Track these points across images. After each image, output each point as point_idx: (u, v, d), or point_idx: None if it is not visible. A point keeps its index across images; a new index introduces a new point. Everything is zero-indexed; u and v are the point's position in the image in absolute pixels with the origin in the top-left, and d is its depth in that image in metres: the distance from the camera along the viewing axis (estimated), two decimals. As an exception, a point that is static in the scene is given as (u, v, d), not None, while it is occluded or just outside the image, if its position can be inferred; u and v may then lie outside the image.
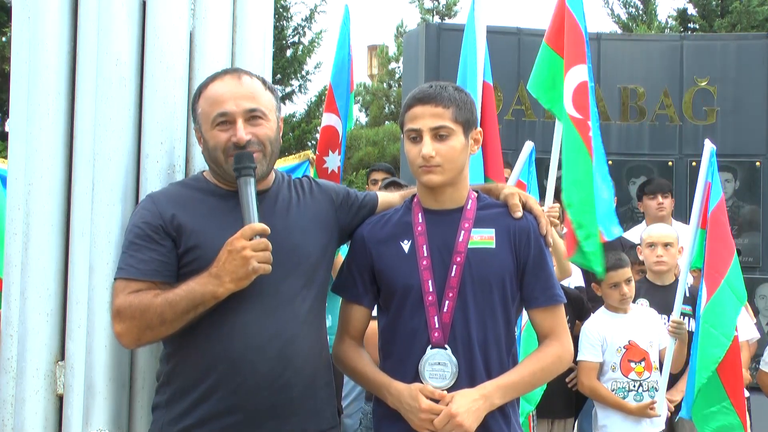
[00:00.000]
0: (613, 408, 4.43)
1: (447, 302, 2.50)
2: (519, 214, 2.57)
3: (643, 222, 6.32)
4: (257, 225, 2.29)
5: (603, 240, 4.13)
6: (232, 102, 2.41)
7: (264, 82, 2.52)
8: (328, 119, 5.57)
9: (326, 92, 6.04)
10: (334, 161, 5.36)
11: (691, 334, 4.56)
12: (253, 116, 2.43)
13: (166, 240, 2.37)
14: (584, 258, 4.07)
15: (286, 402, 2.39)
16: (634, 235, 5.87)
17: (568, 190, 4.08)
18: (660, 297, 4.78)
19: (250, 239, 2.27)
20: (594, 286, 4.70)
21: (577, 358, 4.50)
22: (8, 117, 2.96)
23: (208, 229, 2.38)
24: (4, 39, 12.08)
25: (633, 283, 4.58)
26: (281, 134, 2.56)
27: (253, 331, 2.36)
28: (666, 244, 4.90)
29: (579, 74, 4.18)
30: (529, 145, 4.44)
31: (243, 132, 2.40)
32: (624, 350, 4.47)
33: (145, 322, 2.29)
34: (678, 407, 4.65)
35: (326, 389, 2.53)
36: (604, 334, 4.50)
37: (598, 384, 4.47)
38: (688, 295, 4.64)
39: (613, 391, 4.45)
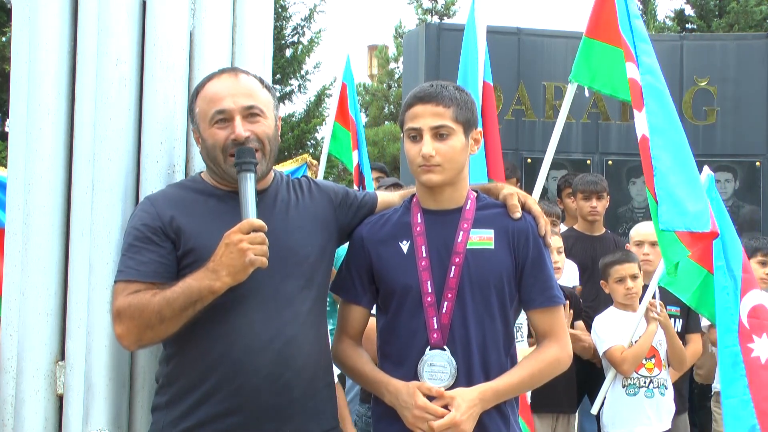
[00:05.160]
0: (647, 343, 4.39)
1: (446, 303, 2.50)
2: (518, 214, 2.57)
3: None
4: (255, 221, 2.28)
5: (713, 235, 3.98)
6: (230, 99, 2.41)
7: (261, 80, 2.51)
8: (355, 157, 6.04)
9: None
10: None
11: (679, 334, 4.61)
12: (251, 113, 2.42)
13: (165, 242, 2.36)
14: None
15: (286, 403, 2.39)
16: None
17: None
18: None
19: (247, 234, 2.26)
20: (602, 284, 4.69)
21: (603, 351, 4.48)
22: (8, 117, 2.96)
23: (207, 231, 2.37)
24: (4, 39, 12.08)
25: (640, 280, 4.58)
26: (280, 134, 2.56)
27: (254, 332, 2.36)
28: (653, 243, 4.87)
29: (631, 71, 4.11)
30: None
31: (242, 128, 2.39)
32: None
33: (144, 321, 2.28)
34: (683, 406, 4.69)
35: (327, 389, 2.53)
36: (615, 330, 4.50)
37: (630, 354, 4.39)
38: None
39: (623, 387, 4.46)
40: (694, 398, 5.44)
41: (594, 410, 4.69)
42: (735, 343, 4.00)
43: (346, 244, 2.70)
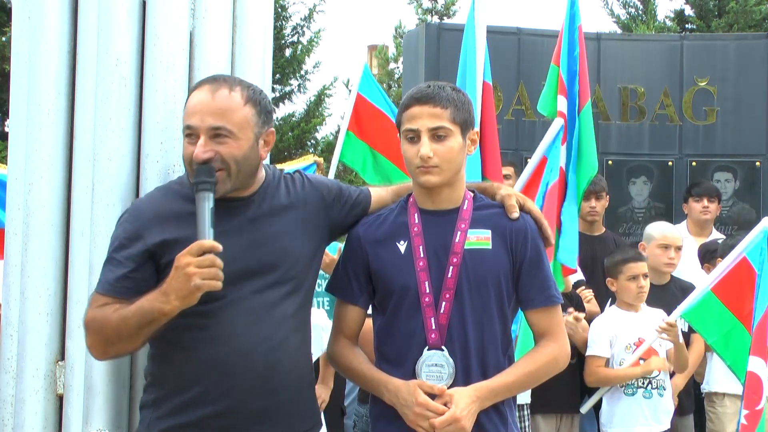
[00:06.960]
0: (624, 380, 4.43)
1: (444, 303, 2.50)
2: (516, 215, 2.57)
3: (683, 222, 6.31)
4: (206, 242, 2.22)
5: (569, 271, 4.36)
6: (199, 117, 2.33)
7: (248, 96, 2.38)
8: None
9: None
10: None
11: (684, 334, 4.64)
12: (216, 134, 2.34)
13: (142, 257, 2.33)
14: None
15: (273, 406, 2.40)
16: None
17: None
18: (656, 295, 4.78)
19: (199, 256, 2.20)
20: (609, 281, 4.67)
21: (587, 353, 4.52)
22: (8, 117, 2.97)
23: (189, 241, 2.29)
24: (4, 39, 12.07)
25: (648, 279, 4.59)
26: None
27: (242, 336, 2.35)
28: (678, 248, 4.99)
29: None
30: (558, 122, 4.42)
31: (201, 149, 2.31)
32: (634, 347, 4.47)
33: (105, 336, 2.29)
34: (682, 408, 4.69)
35: (309, 390, 2.56)
36: (615, 332, 4.51)
37: (602, 373, 4.46)
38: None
39: (621, 387, 4.47)
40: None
41: (584, 410, 4.70)
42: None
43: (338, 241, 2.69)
